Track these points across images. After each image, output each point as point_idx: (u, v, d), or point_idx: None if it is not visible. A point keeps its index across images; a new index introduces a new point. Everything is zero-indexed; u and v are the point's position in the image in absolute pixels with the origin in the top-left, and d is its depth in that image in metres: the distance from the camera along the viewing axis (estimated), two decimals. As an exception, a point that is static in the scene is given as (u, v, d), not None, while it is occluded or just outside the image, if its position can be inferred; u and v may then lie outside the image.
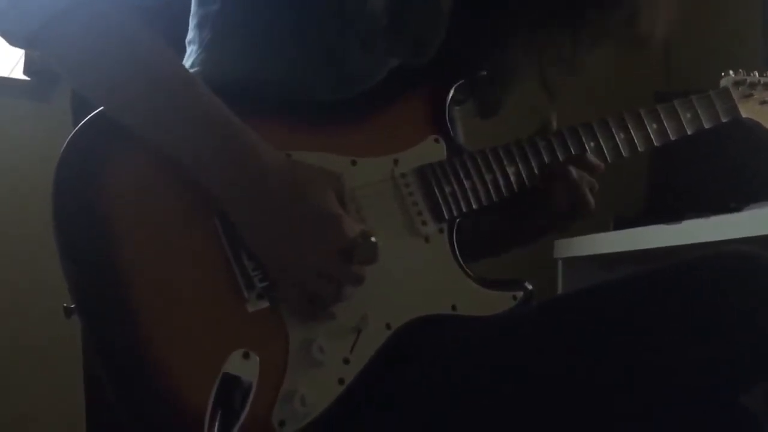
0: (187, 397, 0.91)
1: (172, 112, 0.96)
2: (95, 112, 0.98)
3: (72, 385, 1.21)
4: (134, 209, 0.96)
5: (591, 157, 1.13)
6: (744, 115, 1.22)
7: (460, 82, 1.13)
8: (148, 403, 0.92)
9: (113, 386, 0.92)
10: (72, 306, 0.95)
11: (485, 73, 1.15)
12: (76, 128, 0.97)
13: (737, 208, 1.96)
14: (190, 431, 0.89)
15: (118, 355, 0.93)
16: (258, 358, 0.86)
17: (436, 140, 1.10)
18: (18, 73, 2.37)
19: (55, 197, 0.95)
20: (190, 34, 1.14)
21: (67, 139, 0.97)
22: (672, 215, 2.07)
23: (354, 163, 1.05)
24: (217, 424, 0.76)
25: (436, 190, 1.07)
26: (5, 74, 2.38)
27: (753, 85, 1.23)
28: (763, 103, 1.23)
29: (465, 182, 1.08)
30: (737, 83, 1.23)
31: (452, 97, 1.12)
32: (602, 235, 2.35)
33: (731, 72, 1.24)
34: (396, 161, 1.07)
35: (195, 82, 0.98)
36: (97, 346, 0.93)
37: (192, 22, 1.14)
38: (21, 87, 2.39)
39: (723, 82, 1.23)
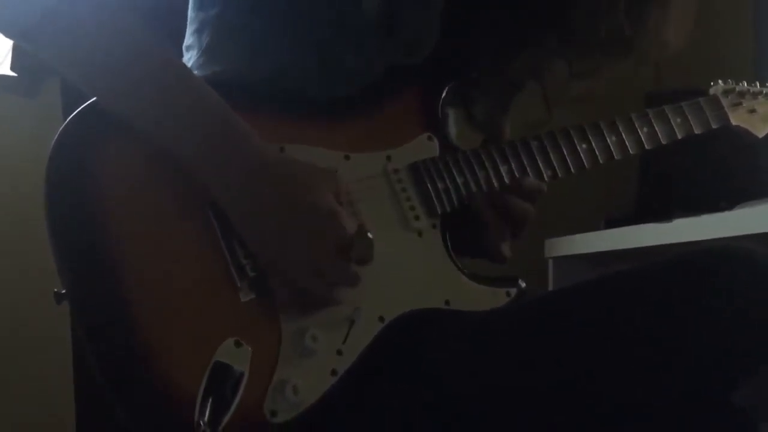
0: (178, 384, 0.91)
1: (169, 103, 0.96)
2: (85, 104, 0.98)
3: (61, 371, 1.20)
4: (126, 197, 0.96)
5: (531, 180, 1.12)
6: (734, 122, 1.25)
7: (453, 83, 1.14)
8: (139, 390, 0.92)
9: (103, 373, 0.92)
10: (62, 291, 0.95)
11: (476, 75, 1.16)
12: (67, 120, 0.97)
13: (728, 207, 1.96)
14: (181, 418, 0.89)
15: (109, 341, 0.93)
16: (250, 347, 0.86)
17: (429, 138, 1.11)
18: (5, 69, 2.36)
19: (46, 185, 0.95)
20: (189, 40, 1.15)
21: (60, 129, 0.97)
22: (663, 214, 2.08)
23: (347, 158, 1.05)
24: (208, 411, 0.76)
25: (428, 186, 1.07)
26: (-8, 70, 2.37)
27: (741, 94, 1.27)
28: (751, 111, 1.27)
29: (458, 178, 1.09)
30: (726, 92, 1.26)
31: (445, 96, 1.13)
32: (593, 234, 2.35)
33: (720, 81, 1.27)
34: (389, 157, 1.08)
35: (191, 74, 0.99)
36: (87, 332, 0.93)
37: (190, 28, 1.15)
38: (8, 83, 2.38)
39: (712, 91, 1.27)
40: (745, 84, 1.27)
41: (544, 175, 1.13)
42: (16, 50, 2.33)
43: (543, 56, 1.18)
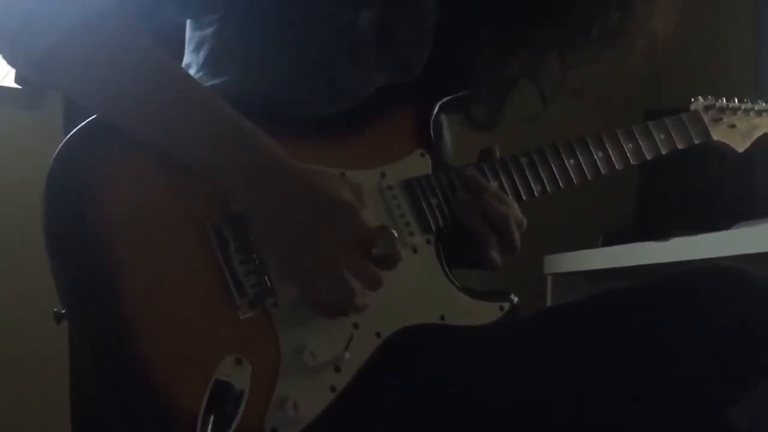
0: (178, 403, 0.91)
1: (188, 110, 0.97)
2: (86, 120, 0.98)
3: (58, 392, 1.20)
4: (125, 215, 0.95)
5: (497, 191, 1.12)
6: (715, 137, 1.28)
7: (444, 99, 1.15)
8: (140, 409, 0.92)
9: (104, 393, 0.92)
10: (62, 311, 0.95)
11: (467, 92, 1.17)
12: (68, 136, 0.97)
13: (726, 227, 1.97)
14: None
15: (109, 361, 0.92)
16: (250, 365, 0.86)
17: (422, 154, 1.12)
18: (9, 82, 2.37)
19: (45, 201, 0.94)
20: (187, 59, 1.15)
21: (60, 144, 0.97)
22: (660, 233, 2.09)
23: (342, 175, 1.05)
24: (209, 430, 0.76)
25: (422, 202, 1.08)
26: (-5, 83, 2.38)
27: (722, 110, 1.29)
28: (731, 126, 1.30)
29: (450, 195, 1.10)
30: (707, 108, 1.29)
31: (437, 112, 1.14)
32: (591, 251, 2.36)
33: (700, 98, 1.30)
34: (383, 174, 1.08)
35: (202, 85, 1.02)
36: (88, 351, 0.93)
37: (189, 48, 1.15)
38: (11, 95, 2.39)
39: (693, 107, 1.29)
40: (724, 100, 1.30)
41: (535, 191, 1.14)
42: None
43: (536, 56, 1.19)
